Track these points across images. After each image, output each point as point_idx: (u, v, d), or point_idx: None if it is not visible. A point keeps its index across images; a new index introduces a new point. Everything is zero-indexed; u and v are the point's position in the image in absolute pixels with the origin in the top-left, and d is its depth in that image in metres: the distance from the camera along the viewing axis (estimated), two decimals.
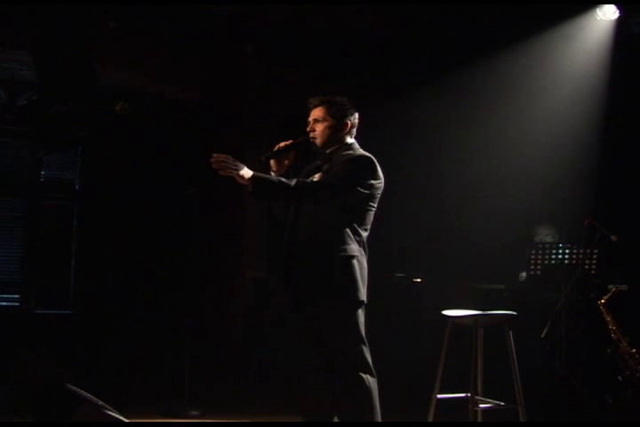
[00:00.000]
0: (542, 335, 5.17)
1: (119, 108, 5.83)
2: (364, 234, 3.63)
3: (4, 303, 6.50)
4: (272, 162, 3.71)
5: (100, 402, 3.59)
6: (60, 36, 5.63)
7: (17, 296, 6.51)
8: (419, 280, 6.17)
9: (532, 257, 5.55)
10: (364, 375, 3.49)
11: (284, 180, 3.47)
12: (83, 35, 5.67)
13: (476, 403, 4.28)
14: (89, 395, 3.62)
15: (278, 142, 3.70)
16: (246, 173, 3.40)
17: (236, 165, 3.39)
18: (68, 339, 6.11)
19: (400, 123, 6.69)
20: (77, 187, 6.79)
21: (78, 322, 6.38)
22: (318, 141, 3.68)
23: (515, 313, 4.44)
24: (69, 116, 6.07)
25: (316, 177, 3.65)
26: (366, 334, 3.55)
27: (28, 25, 5.62)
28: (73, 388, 3.62)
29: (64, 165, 6.80)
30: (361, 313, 3.56)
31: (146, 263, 6.45)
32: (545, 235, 5.88)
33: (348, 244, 3.54)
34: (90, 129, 6.30)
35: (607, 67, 5.87)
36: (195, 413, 4.99)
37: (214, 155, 3.39)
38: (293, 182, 3.46)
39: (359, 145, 3.73)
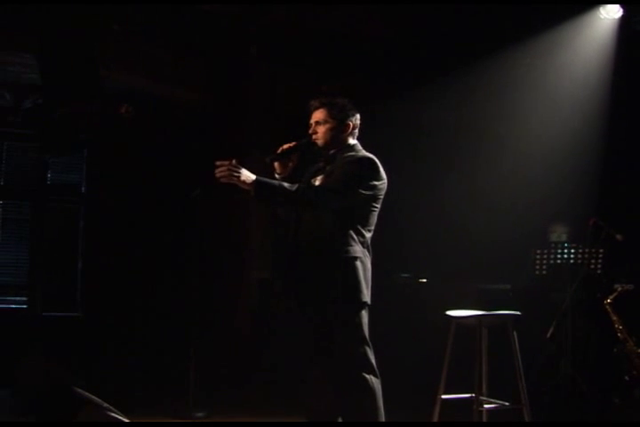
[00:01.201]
0: (548, 335, 5.16)
1: (124, 111, 5.83)
2: (368, 235, 3.63)
3: (12, 306, 6.52)
4: (276, 164, 3.72)
5: (105, 404, 3.60)
6: (64, 39, 5.66)
7: (24, 299, 6.53)
8: (424, 281, 6.16)
9: (538, 257, 5.54)
10: (367, 376, 3.50)
11: (285, 184, 3.48)
12: (86, 37, 5.69)
13: (481, 403, 4.28)
14: (93, 397, 3.63)
15: (282, 145, 3.71)
16: (248, 177, 3.41)
17: (238, 172, 3.40)
18: (75, 341, 6.13)
19: (402, 123, 6.68)
20: (83, 189, 6.81)
21: (84, 324, 6.40)
22: (320, 143, 3.68)
23: (519, 313, 4.43)
24: (75, 118, 6.09)
25: (319, 179, 3.66)
26: (371, 334, 3.56)
27: (32, 28, 5.65)
28: (77, 390, 3.63)
29: (70, 168, 6.82)
30: (364, 314, 3.56)
31: (151, 265, 6.46)
32: (561, 233, 5.87)
33: (352, 245, 3.54)
34: (95, 132, 6.32)
35: (610, 65, 5.85)
36: (200, 414, 5.00)
37: (217, 163, 3.40)
38: (295, 187, 3.47)
39: (362, 146, 3.74)
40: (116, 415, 3.38)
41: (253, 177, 3.43)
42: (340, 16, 6.23)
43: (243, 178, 3.40)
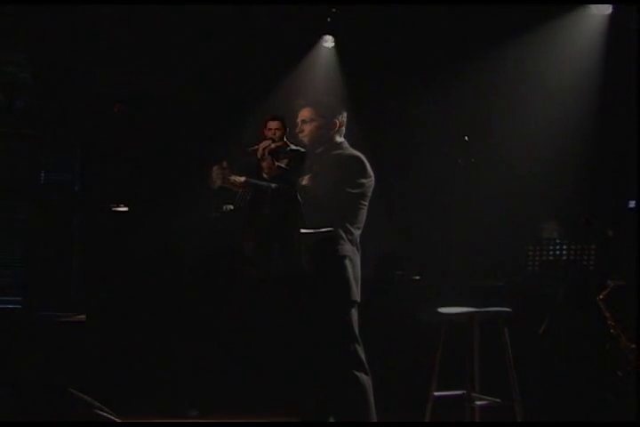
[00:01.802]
0: (540, 331, 5.16)
1: (116, 109, 5.84)
2: (357, 232, 3.66)
3: (8, 306, 6.52)
4: (264, 164, 3.73)
5: (97, 403, 3.61)
6: (57, 38, 5.67)
7: (19, 299, 6.53)
8: (417, 278, 6.16)
9: (531, 253, 5.55)
10: (358, 373, 3.52)
11: (273, 185, 3.52)
12: (79, 36, 5.70)
13: (473, 400, 4.28)
14: (86, 396, 3.64)
15: (269, 144, 3.72)
16: (237, 179, 3.48)
17: (229, 174, 3.46)
18: (71, 341, 6.13)
19: (399, 121, 6.68)
20: (77, 188, 6.81)
21: (80, 324, 6.39)
22: (307, 141, 3.71)
23: (509, 310, 4.43)
24: (67, 117, 6.11)
25: (306, 178, 3.68)
26: (364, 331, 3.57)
27: (24, 27, 5.65)
28: (71, 389, 3.64)
29: (63, 167, 6.82)
30: (354, 312, 3.59)
31: (146, 264, 6.46)
32: (552, 230, 5.88)
33: (341, 244, 3.57)
34: (88, 131, 6.33)
35: (602, 61, 5.87)
36: (194, 413, 5.02)
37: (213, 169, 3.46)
38: (284, 188, 3.50)
39: (358, 143, 3.76)
40: (107, 414, 3.39)
41: (242, 179, 3.49)
42: (338, 15, 6.26)
43: (232, 180, 3.46)
